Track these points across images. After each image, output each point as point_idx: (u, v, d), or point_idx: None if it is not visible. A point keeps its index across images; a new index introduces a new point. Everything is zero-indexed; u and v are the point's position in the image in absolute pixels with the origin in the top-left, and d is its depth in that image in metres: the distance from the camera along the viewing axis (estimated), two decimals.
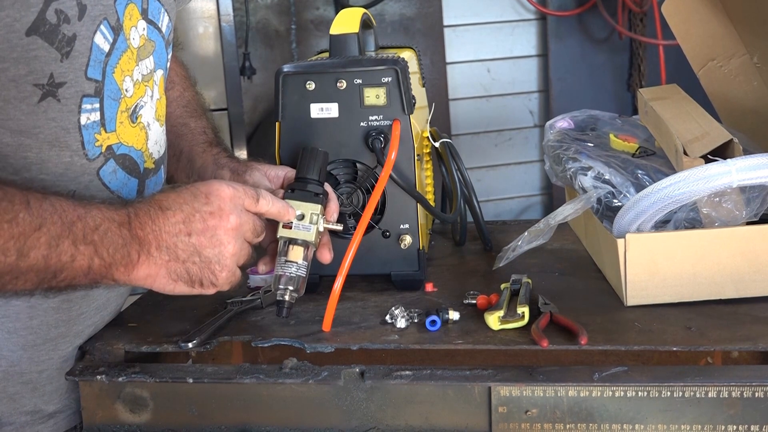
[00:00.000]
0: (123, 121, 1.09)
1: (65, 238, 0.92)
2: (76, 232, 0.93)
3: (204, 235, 1.00)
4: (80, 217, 0.94)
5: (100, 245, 0.95)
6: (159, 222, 0.99)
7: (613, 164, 1.32)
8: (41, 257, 0.91)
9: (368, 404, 1.04)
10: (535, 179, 3.78)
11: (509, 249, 1.28)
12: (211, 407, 1.07)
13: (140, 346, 1.14)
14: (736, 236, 1.16)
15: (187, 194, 1.01)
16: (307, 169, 1.16)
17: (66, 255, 0.92)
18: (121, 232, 0.96)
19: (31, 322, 1.07)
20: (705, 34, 1.52)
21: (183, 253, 1.00)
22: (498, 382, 1.01)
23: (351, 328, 1.15)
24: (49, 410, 1.12)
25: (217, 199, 1.01)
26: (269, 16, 3.33)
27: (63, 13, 0.97)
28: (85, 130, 1.03)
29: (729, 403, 0.98)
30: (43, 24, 0.95)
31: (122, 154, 1.10)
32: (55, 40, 0.96)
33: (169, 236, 0.99)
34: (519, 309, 1.12)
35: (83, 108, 1.02)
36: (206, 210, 1.01)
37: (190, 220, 1.00)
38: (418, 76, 1.47)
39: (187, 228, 1.00)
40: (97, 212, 0.95)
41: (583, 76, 3.63)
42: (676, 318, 1.13)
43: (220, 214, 1.01)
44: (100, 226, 0.95)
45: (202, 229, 1.00)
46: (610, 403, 1.00)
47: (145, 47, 1.13)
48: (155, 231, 0.99)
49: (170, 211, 1.00)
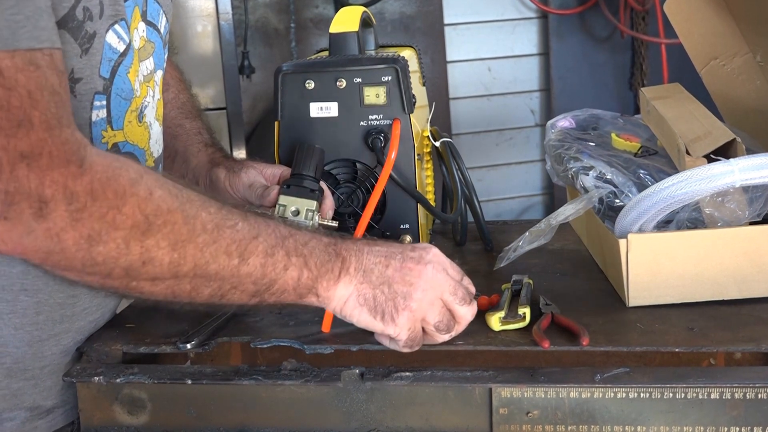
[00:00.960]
0: (132, 121, 1.11)
1: (280, 248, 0.97)
2: (288, 245, 0.98)
3: (400, 272, 1.03)
4: (291, 233, 1.00)
5: (310, 258, 1.00)
6: (363, 250, 1.04)
7: (614, 164, 1.32)
8: (259, 265, 0.96)
9: (368, 406, 1.04)
10: (536, 179, 3.78)
11: (510, 249, 1.28)
12: (209, 409, 1.07)
13: (138, 347, 1.14)
14: (739, 236, 1.16)
15: (398, 244, 1.07)
16: (303, 165, 1.16)
17: (280, 265, 0.97)
18: (327, 249, 1.01)
19: (37, 318, 1.08)
20: (708, 32, 1.52)
21: (376, 279, 1.03)
22: (499, 384, 1.01)
23: (351, 329, 1.15)
24: (47, 405, 1.12)
25: (423, 252, 1.06)
26: (268, 15, 3.34)
27: (89, 11, 0.98)
28: (94, 127, 1.04)
29: (732, 405, 0.98)
30: (71, 19, 0.96)
31: (127, 153, 1.11)
32: (79, 36, 0.98)
33: (369, 262, 1.03)
34: (520, 310, 1.12)
35: (94, 105, 1.03)
36: (409, 254, 1.05)
37: (392, 256, 1.04)
38: (419, 75, 1.47)
39: (386, 261, 1.04)
40: (306, 232, 1.02)
41: (584, 75, 3.63)
42: (679, 319, 1.13)
43: (419, 260, 1.04)
44: (309, 242, 1.00)
45: (399, 266, 1.04)
46: (612, 404, 1.00)
47: (146, 48, 1.14)
48: (358, 255, 1.03)
49: (376, 246, 1.05)
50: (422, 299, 1.03)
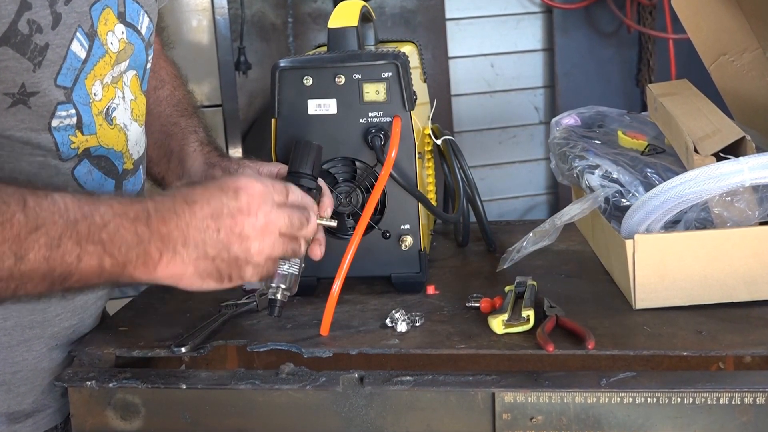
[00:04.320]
0: (101, 124, 1.11)
1: (68, 238, 0.91)
2: (80, 231, 0.91)
3: (232, 231, 0.99)
4: (86, 215, 0.92)
5: (110, 244, 0.93)
6: (185, 217, 0.98)
7: (621, 162, 1.32)
8: (42, 259, 0.90)
9: (368, 411, 1.04)
10: (541, 178, 3.78)
11: (514, 250, 1.28)
12: (205, 414, 1.07)
13: (131, 351, 1.14)
14: (749, 237, 1.16)
15: (214, 188, 1.01)
16: (299, 163, 1.16)
17: (71, 255, 0.91)
18: (136, 228, 0.95)
19: (5, 323, 1.08)
20: (716, 27, 1.52)
21: (212, 249, 0.99)
22: (502, 388, 1.01)
23: (350, 332, 1.15)
24: (25, 410, 1.12)
25: (245, 195, 1.01)
26: (265, 9, 3.34)
27: (36, 23, 0.98)
28: (56, 132, 1.05)
29: (741, 410, 0.98)
30: (14, 35, 0.96)
31: (99, 156, 1.11)
32: (27, 50, 0.98)
33: (198, 232, 0.98)
34: (524, 312, 1.12)
35: (57, 114, 1.04)
36: (234, 206, 1.00)
37: (219, 216, 0.99)
38: (420, 71, 1.47)
39: (215, 224, 0.99)
40: (106, 209, 0.94)
41: (590, 71, 3.63)
42: (687, 321, 1.13)
43: (248, 210, 1.00)
44: (108, 223, 0.93)
45: (230, 225, 0.99)
46: (619, 409, 1.00)
47: (125, 51, 1.14)
48: (181, 227, 0.97)
49: (197, 204, 0.99)
50: (262, 247, 1.01)
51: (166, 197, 0.99)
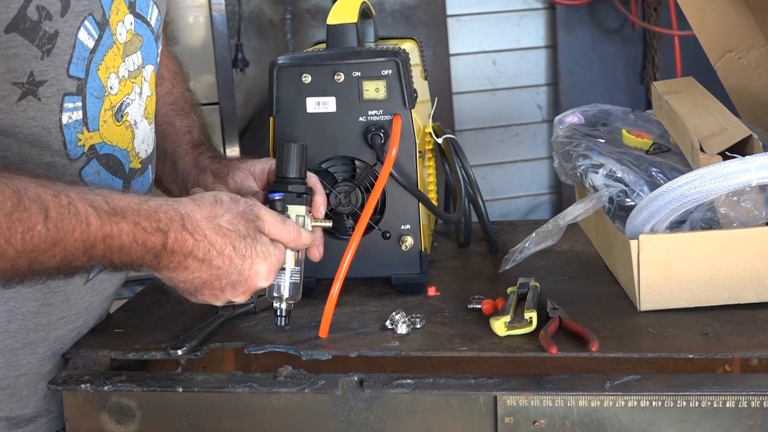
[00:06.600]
0: (107, 120, 1.10)
1: (82, 253, 0.94)
2: (96, 252, 0.95)
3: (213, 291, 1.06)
4: (105, 237, 0.95)
5: (119, 261, 0.98)
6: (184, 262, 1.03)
7: (625, 161, 1.32)
8: (53, 267, 0.94)
9: (367, 414, 1.04)
10: (544, 177, 3.78)
11: (516, 251, 1.28)
12: (201, 417, 1.07)
13: (127, 353, 1.14)
14: (756, 237, 1.16)
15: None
16: (285, 167, 1.15)
17: (80, 262, 0.95)
18: (144, 259, 1.00)
19: (9, 326, 1.08)
20: (722, 24, 1.52)
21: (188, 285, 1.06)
22: (504, 391, 1.01)
23: (349, 334, 1.15)
24: (27, 415, 1.12)
25: (218, 258, 1.04)
26: (263, 5, 3.34)
27: (45, 10, 0.98)
28: (66, 130, 1.04)
29: (748, 414, 0.98)
30: (23, 21, 0.96)
31: (105, 154, 1.11)
32: (36, 38, 0.98)
33: (185, 279, 1.04)
34: (526, 314, 1.12)
35: (65, 107, 1.03)
36: (238, 244, 1.05)
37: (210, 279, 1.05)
38: (420, 69, 1.47)
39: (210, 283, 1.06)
40: (127, 234, 0.97)
41: (594, 68, 3.64)
42: (692, 323, 1.13)
43: (244, 253, 1.05)
44: (125, 247, 0.97)
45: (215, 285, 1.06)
46: (623, 413, 1.00)
47: (132, 42, 1.13)
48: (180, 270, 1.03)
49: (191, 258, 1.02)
50: (245, 291, 1.07)
51: (187, 241, 1.01)
